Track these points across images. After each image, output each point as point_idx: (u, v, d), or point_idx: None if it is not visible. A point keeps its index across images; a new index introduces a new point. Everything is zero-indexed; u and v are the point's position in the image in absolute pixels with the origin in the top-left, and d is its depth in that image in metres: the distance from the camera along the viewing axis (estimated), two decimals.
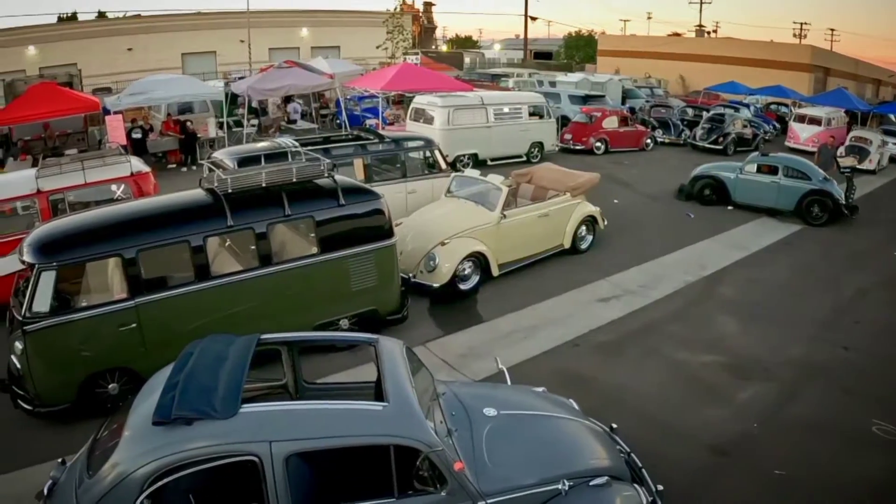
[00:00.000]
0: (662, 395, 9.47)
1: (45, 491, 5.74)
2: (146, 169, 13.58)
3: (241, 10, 49.73)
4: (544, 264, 14.11)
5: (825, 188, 18.18)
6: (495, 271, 12.95)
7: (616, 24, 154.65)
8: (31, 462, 8.03)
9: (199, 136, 24.56)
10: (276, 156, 11.13)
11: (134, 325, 8.81)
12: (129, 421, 5.58)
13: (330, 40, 57.17)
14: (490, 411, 6.43)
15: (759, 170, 19.15)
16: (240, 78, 32.98)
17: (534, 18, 76.51)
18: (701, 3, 72.88)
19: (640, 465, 6.66)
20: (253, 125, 25.88)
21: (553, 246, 14.35)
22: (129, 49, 50.27)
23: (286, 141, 13.20)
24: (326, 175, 10.10)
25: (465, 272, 12.57)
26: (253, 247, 9.53)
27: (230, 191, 9.31)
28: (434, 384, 6.46)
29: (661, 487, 6.29)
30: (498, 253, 12.93)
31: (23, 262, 8.63)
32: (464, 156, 21.36)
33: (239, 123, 26.53)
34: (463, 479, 5.40)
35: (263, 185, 9.54)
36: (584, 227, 14.93)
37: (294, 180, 9.82)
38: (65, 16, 60.47)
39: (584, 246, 15.02)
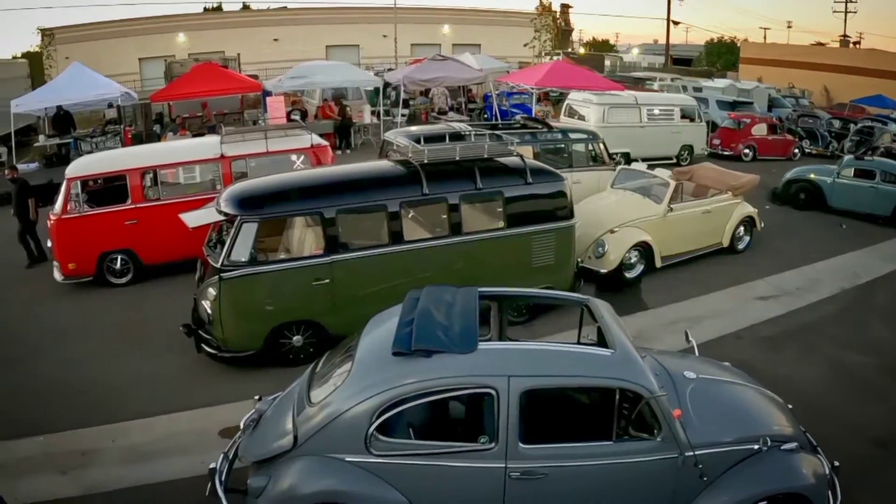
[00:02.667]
0: (823, 388, 9.58)
1: (243, 424, 6.25)
2: (325, 142, 14.25)
3: (386, 5, 51.07)
4: (703, 261, 14.22)
5: None
6: (658, 262, 13.20)
7: (754, 32, 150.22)
8: (212, 402, 8.70)
9: (354, 122, 25.62)
10: (454, 137, 11.60)
11: (328, 280, 9.37)
12: (359, 353, 5.99)
13: (471, 38, 57.40)
14: (690, 374, 6.72)
15: (857, 174, 18.55)
16: (389, 70, 34.08)
17: (676, 23, 74.77)
18: (846, 12, 69.51)
19: (814, 443, 6.78)
20: (403, 114, 26.75)
21: (712, 243, 14.43)
22: (276, 40, 52.22)
23: (460, 125, 13.78)
24: (515, 154, 10.56)
25: (631, 261, 12.87)
26: (444, 216, 9.98)
27: (426, 161, 9.86)
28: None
29: (836, 464, 6.39)
30: (662, 245, 13.16)
31: (222, 213, 9.24)
32: (616, 154, 21.03)
33: (388, 112, 27.49)
34: (677, 428, 5.68)
35: (457, 158, 10.08)
36: (742, 228, 14.91)
37: (485, 156, 10.33)
38: (210, 6, 63.52)
39: (741, 246, 14.99)
